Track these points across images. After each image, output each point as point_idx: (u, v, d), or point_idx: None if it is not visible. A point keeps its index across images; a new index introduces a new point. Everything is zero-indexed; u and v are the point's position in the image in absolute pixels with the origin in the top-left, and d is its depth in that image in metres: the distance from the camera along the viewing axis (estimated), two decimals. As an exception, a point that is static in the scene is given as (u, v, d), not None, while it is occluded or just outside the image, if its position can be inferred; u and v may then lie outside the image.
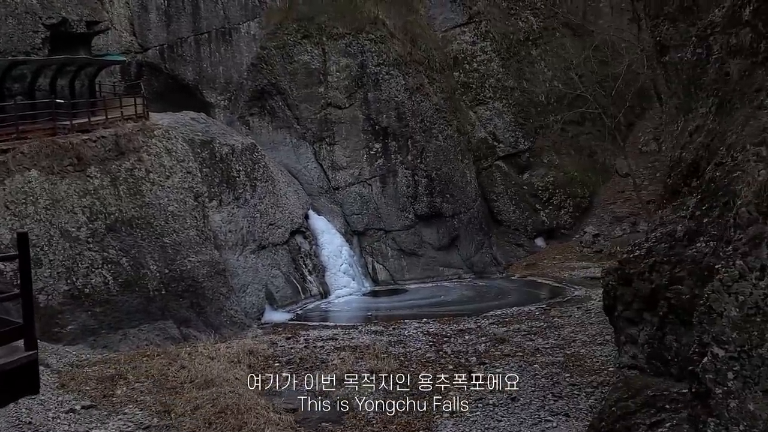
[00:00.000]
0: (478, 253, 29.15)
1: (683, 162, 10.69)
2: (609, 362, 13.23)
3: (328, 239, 26.75)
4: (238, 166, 23.75)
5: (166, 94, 28.94)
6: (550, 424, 10.37)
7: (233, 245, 21.40)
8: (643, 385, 8.42)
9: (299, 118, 28.89)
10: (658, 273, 8.51)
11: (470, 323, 17.73)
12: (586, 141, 35.27)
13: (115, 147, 17.25)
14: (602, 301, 9.70)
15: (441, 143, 29.15)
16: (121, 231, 16.26)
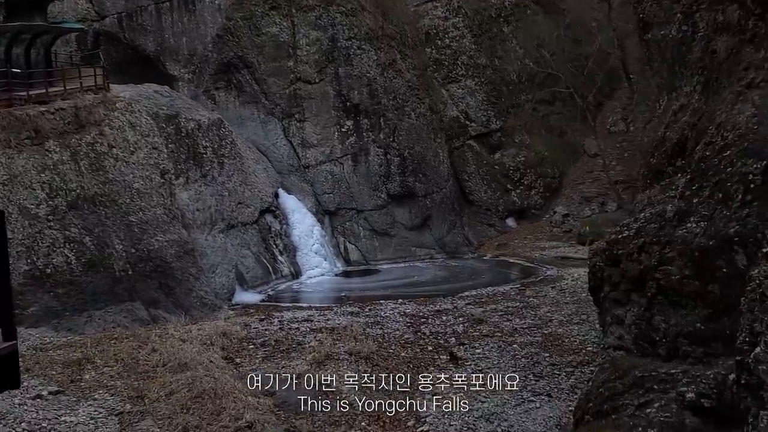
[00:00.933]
0: (450, 233, 29.05)
1: (668, 141, 10.59)
2: (587, 342, 13.25)
3: (299, 219, 26.25)
4: (204, 142, 23.00)
5: (126, 65, 27.77)
6: (533, 404, 10.29)
7: (201, 224, 20.78)
8: (631, 365, 8.33)
9: (267, 93, 28.10)
10: (647, 254, 8.38)
11: (446, 304, 17.58)
12: (557, 121, 35.38)
13: (75, 120, 16.40)
14: (588, 282, 9.58)
15: (414, 121, 28.77)
16: (84, 208, 15.52)
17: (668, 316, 8.05)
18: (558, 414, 9.93)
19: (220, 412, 9.56)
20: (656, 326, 8.22)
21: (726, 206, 7.50)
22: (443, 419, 9.97)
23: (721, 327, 7.38)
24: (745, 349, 5.28)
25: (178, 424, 9.07)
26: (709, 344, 7.51)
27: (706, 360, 7.47)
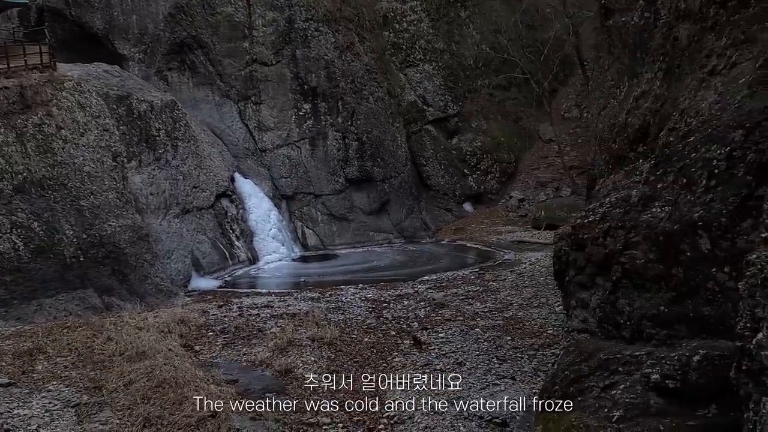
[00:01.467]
0: (408, 218, 29.09)
1: (629, 127, 10.77)
2: (547, 325, 13.47)
3: (255, 203, 25.82)
4: (157, 124, 22.26)
5: (72, 43, 26.54)
6: (498, 387, 10.39)
7: (155, 209, 20.17)
8: (596, 348, 8.48)
9: (222, 74, 27.40)
10: (612, 238, 8.52)
11: (407, 288, 17.61)
12: (512, 106, 35.80)
13: (21, 99, 15.57)
14: (552, 266, 9.70)
15: (372, 105, 28.56)
16: (31, 192, 14.81)
17: (632, 300, 8.21)
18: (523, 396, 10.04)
19: (182, 402, 9.30)
20: (621, 309, 8.38)
21: (690, 191, 7.65)
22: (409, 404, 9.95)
23: (684, 310, 7.57)
24: (746, 335, 5.36)
25: (139, 415, 8.77)
26: (672, 326, 7.70)
27: (669, 342, 7.65)
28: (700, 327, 7.34)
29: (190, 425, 8.73)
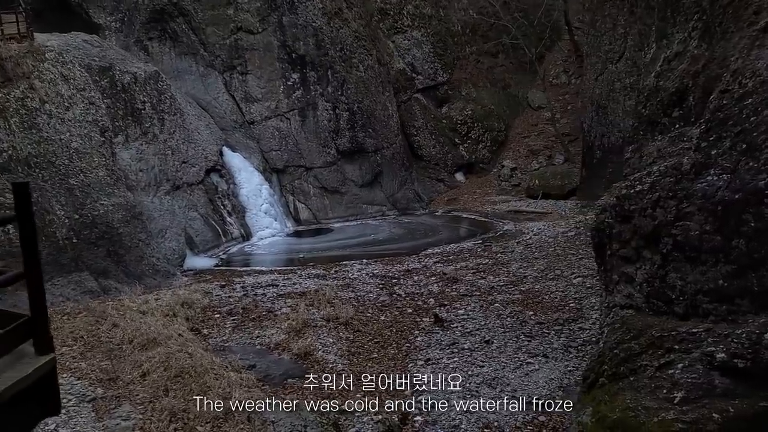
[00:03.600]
0: (401, 190, 28.53)
1: (662, 91, 10.30)
2: (567, 297, 13.14)
3: (246, 178, 24.95)
4: (142, 96, 21.19)
5: (44, 13, 25.04)
6: (532, 366, 10.01)
7: (146, 186, 19.28)
8: (645, 325, 8.09)
9: (206, 43, 26.25)
10: (662, 209, 8.07)
11: (414, 263, 17.14)
12: (500, 73, 35.21)
13: (1, 72, 14.52)
14: (592, 239, 9.23)
15: (362, 74, 27.69)
16: (18, 171, 13.88)
17: (685, 273, 7.81)
18: (558, 375, 9.69)
19: (205, 392, 8.74)
20: (672, 284, 7.98)
21: (752, 157, 7.21)
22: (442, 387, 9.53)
23: (747, 283, 7.18)
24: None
25: (163, 409, 8.21)
26: (733, 301, 7.32)
27: (731, 318, 7.28)
28: (767, 302, 6.97)
29: (217, 418, 8.20)
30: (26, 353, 4.08)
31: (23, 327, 4.05)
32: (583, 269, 14.72)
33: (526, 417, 8.52)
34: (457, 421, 8.53)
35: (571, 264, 15.26)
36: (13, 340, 4.02)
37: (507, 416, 8.57)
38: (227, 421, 8.20)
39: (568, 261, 15.57)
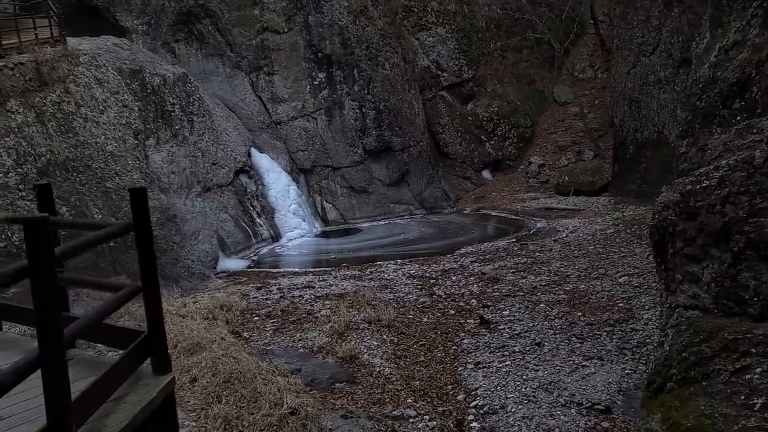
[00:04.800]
0: (428, 188, 28.28)
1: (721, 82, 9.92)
2: (615, 297, 12.79)
3: (274, 178, 24.87)
4: (172, 99, 21.17)
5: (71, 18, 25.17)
6: (588, 369, 9.70)
7: (178, 188, 19.23)
8: (715, 327, 7.76)
9: (232, 44, 26.20)
10: (733, 205, 7.73)
11: (450, 262, 16.87)
12: (525, 69, 34.83)
13: (37, 76, 14.48)
14: (652, 237, 8.90)
15: (388, 72, 27.48)
16: (56, 175, 13.84)
17: (760, 273, 7.47)
18: (616, 378, 9.37)
19: (256, 399, 8.56)
20: (744, 283, 7.64)
21: (833, 152, 6.86)
22: (496, 392, 9.26)
23: (830, 284, 6.83)
24: None
25: (216, 416, 8.04)
26: (813, 302, 6.98)
27: (813, 320, 6.94)
28: None
29: (271, 425, 8.02)
30: (142, 373, 3.89)
31: (143, 346, 3.86)
32: (628, 267, 14.36)
33: (588, 423, 8.22)
34: (516, 428, 8.26)
35: (614, 262, 14.89)
36: (135, 361, 3.82)
37: (568, 422, 8.29)
38: (282, 428, 8.01)
39: (611, 259, 15.21)
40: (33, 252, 2.94)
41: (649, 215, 18.29)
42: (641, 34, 23.74)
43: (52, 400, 3.05)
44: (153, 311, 3.90)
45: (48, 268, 2.99)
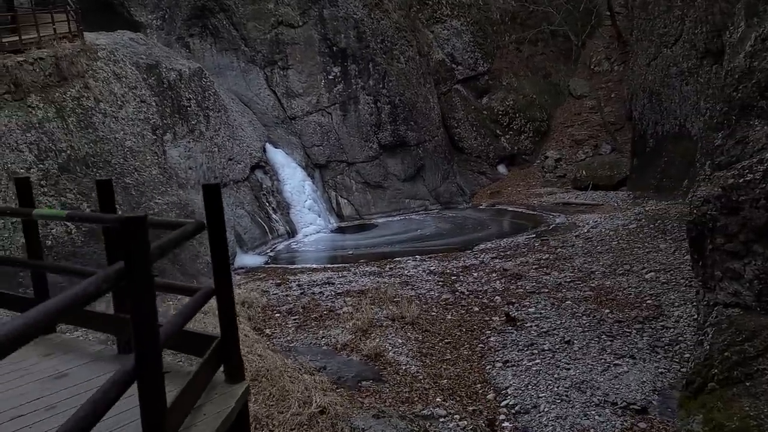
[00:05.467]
0: (444, 183, 28.05)
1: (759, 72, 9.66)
2: (642, 294, 12.56)
3: (289, 174, 24.74)
4: (188, 94, 21.07)
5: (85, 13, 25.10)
6: (620, 368, 9.50)
7: (195, 184, 19.11)
8: (759, 325, 7.55)
9: (247, 38, 26.03)
10: (777, 200, 7.50)
11: (470, 259, 16.69)
12: (541, 62, 34.45)
13: (57, 71, 14.39)
14: (690, 233, 8.68)
15: (403, 66, 27.24)
16: (77, 171, 13.77)
17: (804, 271, 7.25)
18: (650, 377, 9.17)
19: (285, 397, 8.44)
20: (788, 282, 7.42)
21: None
22: (527, 391, 9.09)
23: None
24: None
25: (246, 416, 7.93)
26: None
27: None
28: None
29: (302, 424, 7.89)
30: (215, 382, 3.71)
31: (217, 353, 3.68)
32: (654, 263, 14.12)
33: (624, 423, 8.04)
34: (551, 428, 8.09)
35: (639, 258, 14.65)
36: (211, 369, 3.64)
37: (603, 422, 8.10)
38: (312, 427, 7.88)
39: (635, 255, 14.97)
40: (132, 254, 2.74)
41: (672, 210, 18.05)
42: (662, 25, 23.37)
43: (149, 412, 2.88)
44: (226, 314, 3.70)
45: (147, 271, 2.82)
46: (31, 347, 5.15)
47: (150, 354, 2.86)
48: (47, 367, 4.66)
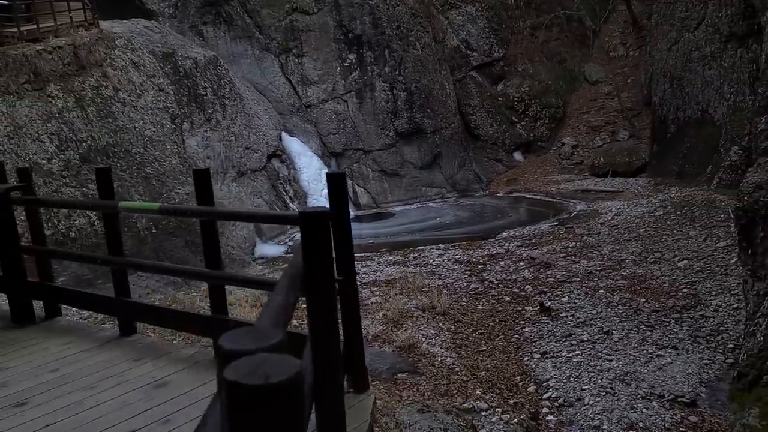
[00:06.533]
0: (461, 171, 27.77)
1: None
2: (677, 282, 12.30)
3: (305, 162, 24.52)
4: (203, 82, 20.82)
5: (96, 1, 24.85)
6: (663, 359, 9.26)
7: (214, 173, 18.90)
8: (816, 316, 7.30)
9: (261, 26, 25.73)
10: (836, 187, 7.22)
11: (495, 247, 16.44)
12: (555, 47, 33.99)
13: (75, 60, 14.15)
14: (739, 220, 8.40)
15: (419, 53, 26.88)
16: (98, 161, 13.56)
17: None
18: (695, 369, 8.93)
19: (322, 392, 8.27)
20: None
21: None
22: (570, 383, 8.87)
23: None
24: None
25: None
26: None
27: None
28: None
29: (342, 419, 7.70)
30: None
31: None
32: (685, 251, 13.83)
33: (674, 417, 7.81)
34: (597, 422, 7.87)
35: (670, 246, 14.37)
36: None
37: (652, 416, 7.88)
38: (353, 422, 7.69)
39: (665, 242, 14.68)
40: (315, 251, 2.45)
41: (698, 196, 17.73)
42: (684, 9, 22.90)
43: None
44: (351, 317, 3.40)
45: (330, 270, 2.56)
46: (116, 350, 5.02)
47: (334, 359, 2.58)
48: (142, 374, 4.52)
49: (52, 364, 5.01)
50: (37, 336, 5.73)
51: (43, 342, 5.59)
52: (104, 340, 5.62)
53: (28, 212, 6.42)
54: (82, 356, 5.12)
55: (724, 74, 20.77)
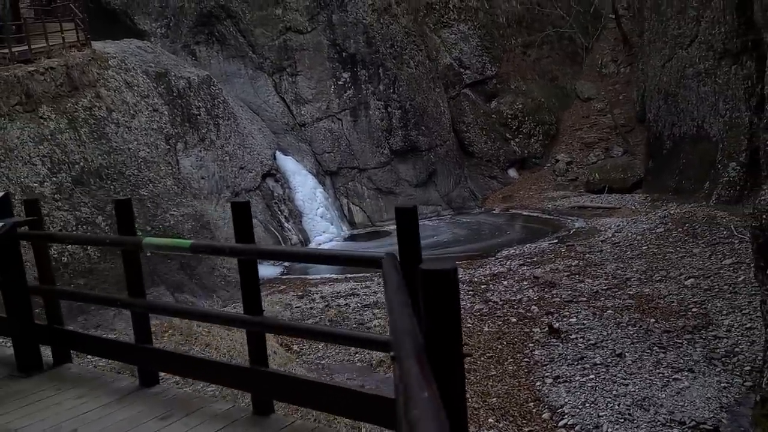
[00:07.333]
0: (456, 188, 27.60)
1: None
2: (685, 301, 12.09)
3: (300, 181, 24.23)
4: (197, 102, 20.59)
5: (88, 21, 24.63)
6: (681, 383, 9.00)
7: (208, 194, 18.64)
8: (841, 338, 7.08)
9: (254, 45, 25.58)
10: None
11: (496, 266, 16.19)
12: (547, 65, 34.12)
13: (68, 81, 13.87)
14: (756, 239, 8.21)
15: (413, 71, 26.82)
16: (91, 184, 13.23)
17: None
18: (714, 393, 8.67)
19: (330, 423, 7.92)
20: None
21: None
22: (586, 409, 8.57)
23: None
24: None
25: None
26: None
27: None
28: None
29: (353, 453, 7.38)
30: None
31: None
32: (691, 269, 13.65)
33: (696, 444, 7.54)
34: (618, 450, 7.58)
35: (674, 263, 14.18)
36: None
37: (673, 443, 7.60)
38: (364, 455, 7.37)
39: (669, 260, 14.50)
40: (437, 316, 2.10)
41: (699, 213, 17.59)
42: (676, 26, 23.01)
43: None
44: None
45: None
46: (139, 405, 4.49)
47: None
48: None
49: (68, 423, 4.37)
50: (47, 388, 5.04)
51: (54, 395, 4.85)
52: (123, 392, 4.89)
53: (36, 248, 5.94)
54: (101, 413, 4.49)
55: (719, 90, 20.79)
